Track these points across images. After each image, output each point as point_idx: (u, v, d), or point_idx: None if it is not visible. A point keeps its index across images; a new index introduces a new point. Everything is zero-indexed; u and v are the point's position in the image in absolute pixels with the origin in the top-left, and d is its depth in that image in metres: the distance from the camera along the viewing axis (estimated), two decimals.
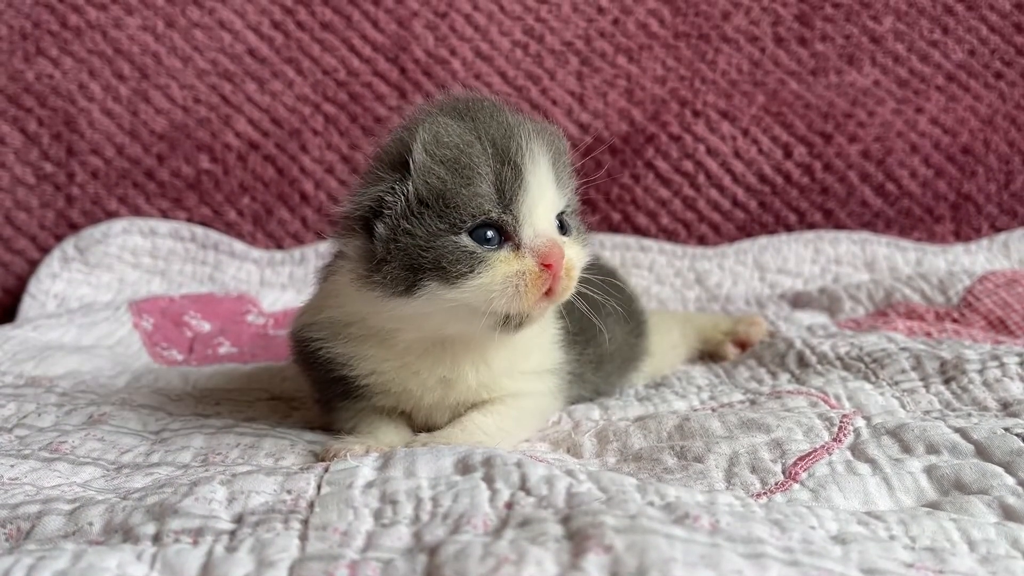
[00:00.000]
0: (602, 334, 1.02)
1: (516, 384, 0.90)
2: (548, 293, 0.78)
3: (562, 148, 0.85)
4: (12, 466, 0.78)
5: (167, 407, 1.00)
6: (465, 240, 0.76)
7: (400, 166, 0.78)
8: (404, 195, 0.77)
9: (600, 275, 1.11)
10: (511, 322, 0.79)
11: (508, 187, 0.77)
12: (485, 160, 0.77)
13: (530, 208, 0.78)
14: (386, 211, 0.78)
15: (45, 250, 1.74)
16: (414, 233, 0.76)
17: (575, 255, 0.82)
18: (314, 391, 0.96)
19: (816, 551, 0.51)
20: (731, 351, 1.26)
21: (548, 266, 0.77)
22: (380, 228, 0.78)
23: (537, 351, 0.92)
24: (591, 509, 0.54)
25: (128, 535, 0.57)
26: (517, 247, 0.77)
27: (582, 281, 0.85)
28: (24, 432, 0.89)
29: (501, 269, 0.76)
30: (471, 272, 0.76)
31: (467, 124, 0.79)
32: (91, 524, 0.60)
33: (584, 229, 0.89)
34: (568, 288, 0.80)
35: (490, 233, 0.77)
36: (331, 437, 0.89)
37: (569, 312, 0.91)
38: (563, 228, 0.83)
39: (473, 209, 0.76)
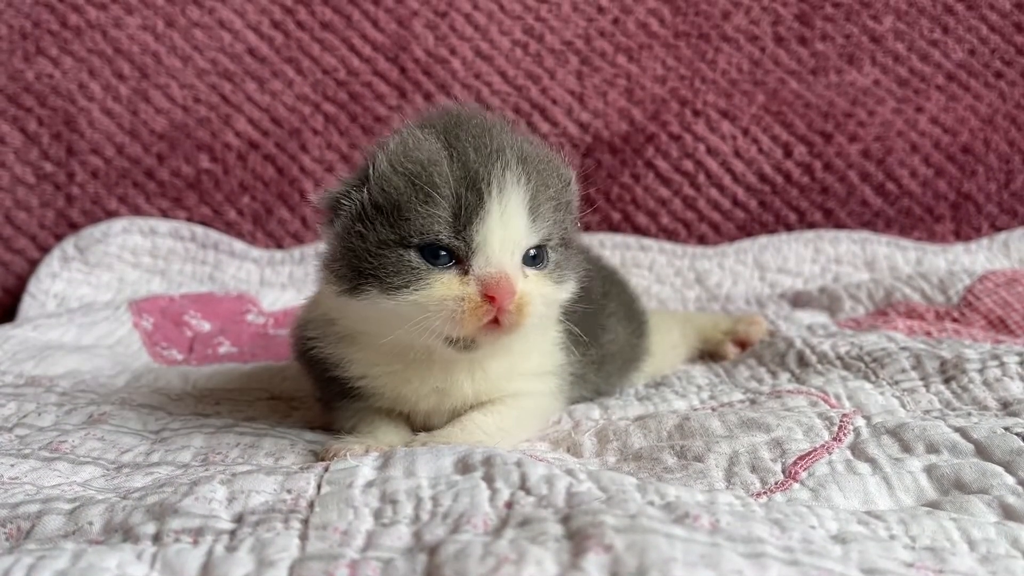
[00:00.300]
0: (604, 334, 1.02)
1: (517, 385, 0.90)
2: (495, 323, 0.77)
3: (556, 182, 0.83)
4: (12, 465, 0.78)
5: (167, 407, 1.00)
6: (411, 255, 0.76)
7: (365, 171, 0.79)
8: (359, 200, 0.78)
9: (601, 275, 1.11)
10: (459, 343, 0.79)
11: (466, 212, 0.76)
12: (447, 181, 0.76)
13: (486, 237, 0.76)
14: (341, 211, 0.79)
15: (45, 249, 1.73)
16: (365, 237, 0.77)
17: (537, 292, 0.80)
18: (314, 389, 0.96)
19: (816, 551, 0.51)
20: (731, 350, 1.26)
21: (491, 298, 0.75)
22: (336, 226, 0.80)
23: (537, 353, 0.91)
24: (591, 509, 0.54)
25: (128, 535, 0.57)
26: (465, 272, 0.77)
27: (577, 298, 0.86)
28: (24, 431, 0.89)
29: (439, 290, 0.76)
30: (406, 287, 0.76)
31: (443, 141, 0.79)
32: (91, 523, 0.60)
33: (573, 263, 0.86)
34: (519, 323, 0.78)
35: (442, 254, 0.76)
36: (331, 437, 0.89)
37: (571, 313, 0.90)
38: (537, 260, 0.81)
39: (423, 228, 0.76)
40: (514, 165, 0.78)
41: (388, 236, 0.77)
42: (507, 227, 0.77)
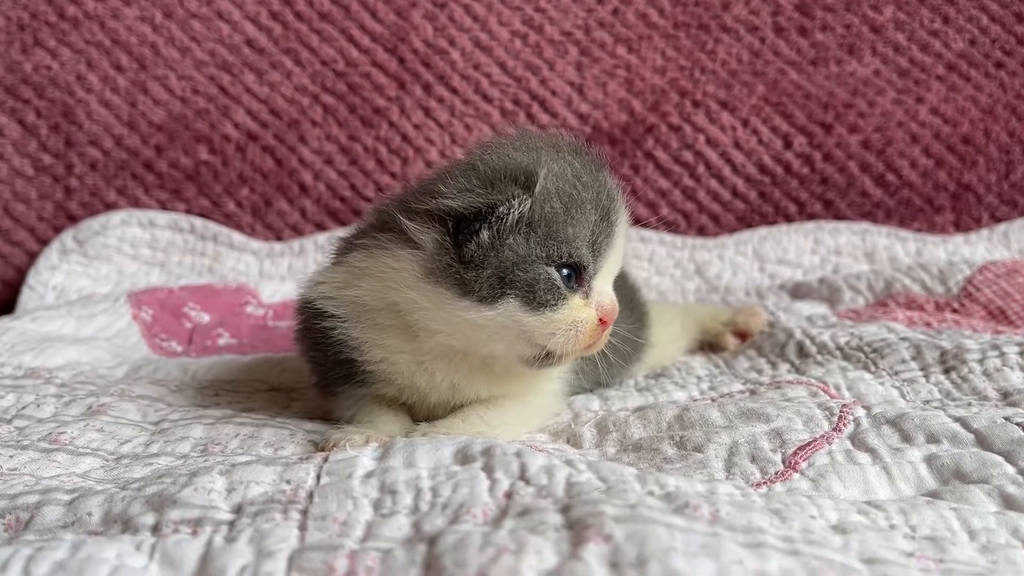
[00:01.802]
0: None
1: (527, 383, 0.90)
2: (591, 345, 0.82)
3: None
4: (11, 456, 0.78)
5: (166, 398, 1.00)
6: (554, 273, 0.79)
7: (523, 184, 0.79)
8: (520, 212, 0.78)
9: None
10: (547, 359, 0.82)
11: (600, 239, 0.82)
12: (593, 208, 0.81)
13: (606, 264, 0.83)
14: (495, 220, 0.78)
15: (44, 242, 1.73)
16: (516, 251, 0.78)
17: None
18: (314, 372, 0.95)
19: (816, 541, 0.51)
20: (731, 341, 1.26)
21: (604, 322, 0.81)
22: (484, 234, 0.78)
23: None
24: (591, 499, 0.54)
25: (127, 525, 0.57)
26: (586, 295, 0.81)
27: None
28: (23, 423, 0.89)
29: (573, 312, 0.80)
30: (554, 304, 0.79)
31: (587, 169, 0.84)
32: (90, 514, 0.60)
33: None
34: (604, 342, 0.84)
35: (568, 273, 0.80)
36: (331, 426, 0.88)
37: None
38: None
39: (572, 248, 0.79)
40: (623, 197, 0.86)
41: (537, 253, 0.79)
42: (618, 256, 0.85)
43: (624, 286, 1.15)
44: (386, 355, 0.87)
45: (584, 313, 0.80)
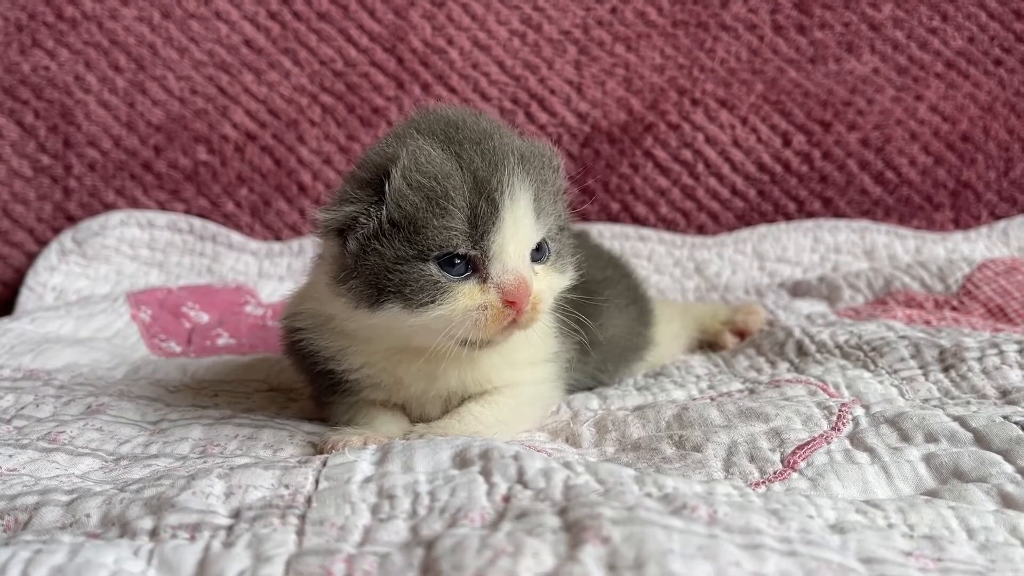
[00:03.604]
0: (601, 319, 1.02)
1: (512, 375, 0.90)
2: (512, 323, 0.79)
3: (550, 173, 0.84)
4: (10, 456, 0.78)
5: (165, 398, 1.00)
6: (431, 268, 0.77)
7: (377, 187, 0.78)
8: (377, 217, 0.78)
9: (601, 262, 1.11)
10: (474, 343, 0.80)
11: (482, 221, 0.77)
12: (461, 193, 0.77)
13: (502, 244, 0.78)
14: (358, 228, 0.79)
15: (43, 243, 1.73)
16: (383, 254, 0.77)
17: (547, 286, 0.82)
18: (307, 384, 0.96)
19: (814, 541, 0.51)
20: (730, 340, 1.26)
21: (513, 303, 0.77)
22: (351, 243, 0.79)
23: (526, 344, 0.90)
24: (588, 501, 0.54)
25: (125, 529, 0.57)
26: (484, 280, 0.78)
27: (576, 288, 0.87)
28: (22, 422, 0.89)
29: (463, 301, 0.77)
30: (432, 302, 0.77)
31: (450, 152, 0.79)
32: (88, 516, 0.60)
33: (569, 248, 0.88)
34: (533, 319, 0.80)
35: (458, 262, 0.77)
36: (329, 428, 0.88)
37: (567, 300, 0.90)
38: (540, 254, 0.83)
39: (442, 241, 0.76)
40: (518, 168, 0.79)
41: (407, 252, 0.77)
42: (519, 231, 0.78)
43: (625, 280, 1.15)
44: (364, 358, 0.87)
45: (480, 298, 0.77)
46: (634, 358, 1.12)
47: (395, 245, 0.77)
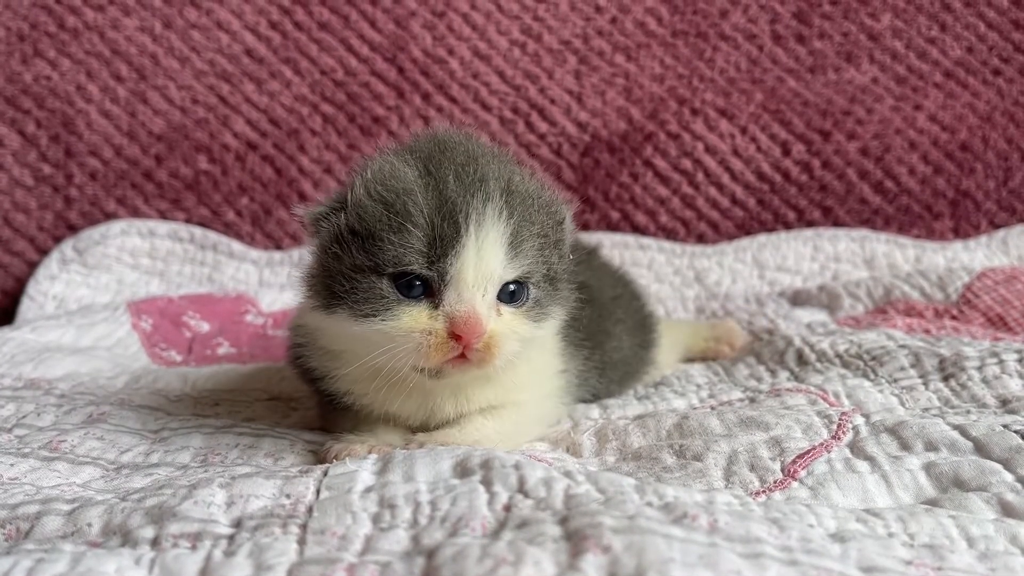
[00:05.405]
0: (609, 341, 1.02)
1: (515, 394, 0.89)
2: (462, 358, 0.75)
3: (544, 218, 0.81)
4: (12, 465, 0.78)
5: (166, 407, 1.00)
6: (383, 283, 0.75)
7: (344, 193, 0.79)
8: (337, 223, 0.78)
9: (612, 281, 1.12)
10: (426, 371, 0.78)
11: (441, 243, 0.74)
12: (421, 211, 0.74)
13: (460, 272, 0.74)
14: (321, 231, 0.80)
15: (44, 252, 1.73)
16: (341, 259, 0.77)
17: (509, 330, 0.78)
18: (312, 395, 0.96)
19: (815, 550, 0.51)
20: (725, 349, 1.27)
21: (458, 337, 0.74)
22: (315, 243, 0.81)
23: (525, 372, 0.87)
24: (589, 510, 0.54)
25: (127, 538, 0.57)
26: (436, 306, 0.75)
27: (584, 303, 0.86)
28: (23, 431, 0.89)
29: (406, 322, 0.75)
30: (375, 315, 0.75)
31: (422, 169, 0.78)
32: (90, 525, 0.60)
33: (560, 299, 0.84)
34: (487, 361, 0.76)
35: (417, 284, 0.75)
36: (330, 436, 0.88)
37: (576, 319, 0.90)
38: (515, 296, 0.79)
39: (397, 258, 0.74)
40: (496, 197, 0.76)
41: (363, 262, 0.76)
42: (482, 262, 0.75)
43: (634, 303, 1.15)
44: (348, 386, 0.86)
45: (426, 323, 0.74)
46: (633, 379, 1.11)
47: (353, 253, 0.76)
